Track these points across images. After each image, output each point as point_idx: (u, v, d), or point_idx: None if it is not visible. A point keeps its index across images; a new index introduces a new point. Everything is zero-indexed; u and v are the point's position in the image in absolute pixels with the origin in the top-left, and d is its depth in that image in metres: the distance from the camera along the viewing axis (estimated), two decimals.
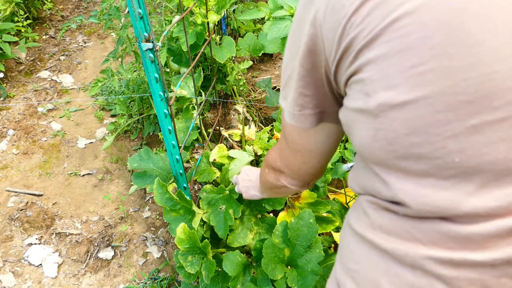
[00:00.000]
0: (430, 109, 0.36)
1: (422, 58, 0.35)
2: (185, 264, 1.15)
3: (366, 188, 0.50)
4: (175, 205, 1.24)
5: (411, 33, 0.35)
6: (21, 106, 2.45)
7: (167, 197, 1.23)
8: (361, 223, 0.50)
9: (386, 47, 0.36)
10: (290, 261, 1.14)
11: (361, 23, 0.38)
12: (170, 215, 1.25)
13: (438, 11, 0.34)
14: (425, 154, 0.38)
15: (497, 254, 0.38)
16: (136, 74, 1.94)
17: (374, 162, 0.45)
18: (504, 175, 0.37)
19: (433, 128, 0.37)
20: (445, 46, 0.34)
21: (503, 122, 0.35)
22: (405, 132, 0.38)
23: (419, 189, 0.40)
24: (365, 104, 0.40)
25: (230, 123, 2.03)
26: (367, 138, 0.42)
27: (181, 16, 1.10)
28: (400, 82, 0.37)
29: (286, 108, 0.56)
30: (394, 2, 0.35)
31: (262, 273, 1.17)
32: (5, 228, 1.79)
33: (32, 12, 3.11)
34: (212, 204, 1.27)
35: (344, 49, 0.40)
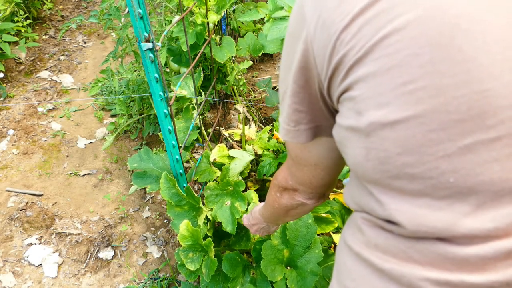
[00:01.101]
0: (421, 128, 0.35)
1: (412, 76, 0.34)
2: (186, 260, 1.15)
3: (361, 205, 0.49)
4: (181, 201, 1.24)
5: (400, 50, 0.34)
6: (21, 106, 2.45)
7: (174, 192, 1.23)
8: (356, 241, 0.50)
9: (376, 65, 0.36)
10: (289, 262, 1.14)
11: (351, 40, 0.37)
12: (174, 210, 1.24)
13: (428, 27, 0.33)
14: (418, 174, 0.38)
15: (495, 277, 0.37)
16: (136, 74, 1.94)
17: (368, 181, 0.44)
18: (500, 195, 0.36)
19: (425, 148, 0.36)
20: (436, 63, 0.33)
21: (496, 141, 0.34)
22: (397, 152, 0.38)
23: (414, 209, 0.40)
24: (357, 123, 0.40)
25: (230, 123, 2.03)
26: (360, 157, 0.42)
27: (181, 16, 1.10)
28: (391, 101, 0.36)
29: (281, 124, 0.55)
30: (384, 19, 0.35)
31: (261, 274, 1.17)
32: (5, 228, 1.79)
33: (32, 12, 3.11)
34: (217, 201, 1.27)
35: (335, 66, 0.40)
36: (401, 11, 0.34)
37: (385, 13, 0.34)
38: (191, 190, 1.23)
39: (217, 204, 1.27)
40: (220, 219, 1.23)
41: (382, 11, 0.35)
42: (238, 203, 1.22)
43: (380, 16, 0.35)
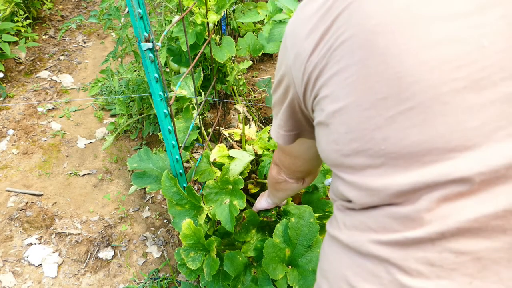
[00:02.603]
0: (358, 109, 0.45)
1: (350, 72, 0.45)
2: (187, 259, 1.14)
3: (335, 193, 0.56)
4: (182, 199, 1.23)
5: (343, 56, 0.45)
6: (21, 106, 2.45)
7: (175, 190, 1.22)
8: (332, 226, 0.57)
9: (330, 71, 0.47)
10: (291, 261, 1.14)
11: (315, 59, 0.49)
12: (175, 209, 1.24)
13: (357, 37, 0.44)
14: (360, 147, 0.46)
15: (432, 229, 0.42)
16: (136, 74, 1.94)
17: (331, 164, 0.53)
18: (421, 155, 0.42)
19: (362, 124, 0.45)
20: (363, 60, 0.44)
21: (412, 110, 0.42)
22: (344, 131, 0.47)
23: (363, 179, 0.47)
24: (321, 118, 0.51)
25: (230, 123, 2.03)
26: (323, 144, 0.53)
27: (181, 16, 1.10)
28: (339, 94, 0.47)
29: (273, 125, 0.70)
30: (333, 39, 0.46)
31: (263, 273, 1.17)
32: (5, 228, 1.79)
33: (32, 12, 3.11)
34: (216, 199, 1.27)
35: (306, 82, 0.52)
36: (341, 33, 0.46)
37: (333, 36, 0.47)
38: (192, 189, 1.23)
39: (216, 203, 1.27)
40: (219, 217, 1.22)
41: (331, 36, 0.47)
42: (237, 201, 1.22)
43: (330, 39, 0.47)
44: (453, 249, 0.41)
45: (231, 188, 1.27)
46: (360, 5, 0.45)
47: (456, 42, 0.40)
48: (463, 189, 0.40)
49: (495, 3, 0.39)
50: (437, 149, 0.41)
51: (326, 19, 0.48)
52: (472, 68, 0.39)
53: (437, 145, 0.41)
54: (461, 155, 0.40)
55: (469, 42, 0.39)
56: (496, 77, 0.39)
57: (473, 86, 0.39)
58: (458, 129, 0.40)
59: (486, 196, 0.40)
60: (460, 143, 0.40)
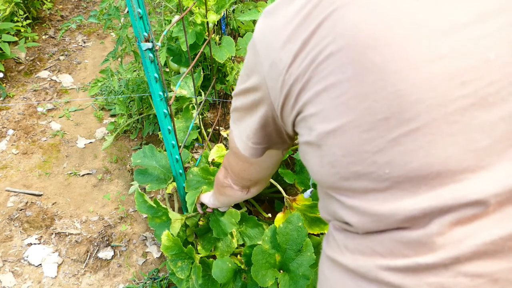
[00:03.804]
0: (356, 130, 0.42)
1: (342, 90, 0.41)
2: (175, 269, 1.15)
3: (330, 214, 0.54)
4: (157, 212, 1.25)
5: (331, 72, 0.42)
6: (20, 106, 2.45)
7: (148, 205, 1.24)
8: (331, 248, 0.54)
9: (316, 87, 0.43)
10: (281, 266, 1.12)
11: (295, 72, 0.45)
12: (155, 222, 1.26)
13: (346, 51, 0.41)
14: (361, 170, 0.43)
15: (445, 254, 0.40)
16: (135, 74, 1.94)
17: (326, 186, 0.50)
18: (430, 178, 0.40)
19: (362, 146, 0.42)
20: (357, 76, 0.40)
21: (417, 131, 0.39)
22: (342, 154, 0.44)
23: (366, 204, 0.44)
24: (309, 137, 0.47)
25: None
26: (316, 166, 0.49)
27: (181, 16, 1.10)
28: (330, 113, 0.43)
29: (237, 132, 0.64)
30: (315, 52, 0.43)
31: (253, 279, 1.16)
32: (5, 228, 1.79)
33: (31, 12, 3.11)
34: (196, 187, 1.26)
35: (285, 96, 0.48)
36: (326, 44, 0.42)
37: (316, 47, 0.43)
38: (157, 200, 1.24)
39: (194, 190, 1.26)
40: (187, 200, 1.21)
41: (314, 47, 0.43)
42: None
43: (313, 50, 0.43)
44: (468, 273, 0.39)
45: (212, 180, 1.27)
46: (345, 14, 0.41)
47: (460, 56, 0.37)
48: (478, 211, 0.38)
49: (495, 11, 0.37)
50: (447, 171, 0.39)
51: (305, 26, 0.44)
52: (479, 83, 0.37)
53: (447, 167, 0.39)
54: (473, 176, 0.38)
55: (474, 55, 0.37)
56: (504, 92, 0.37)
57: (481, 102, 0.37)
58: (470, 149, 0.38)
59: (503, 217, 0.38)
60: (472, 163, 0.38)
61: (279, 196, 1.68)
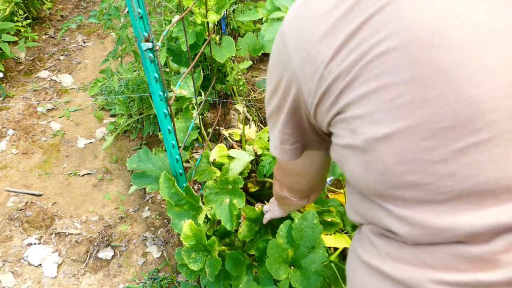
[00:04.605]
0: (414, 137, 0.38)
1: (398, 92, 0.38)
2: (188, 260, 1.14)
3: (367, 218, 0.51)
4: (180, 200, 1.24)
5: (384, 71, 0.38)
6: (20, 106, 2.45)
7: (173, 191, 1.22)
8: (367, 253, 0.51)
9: (364, 87, 0.40)
10: (293, 262, 1.14)
11: (338, 68, 0.41)
12: (174, 210, 1.24)
13: (405, 49, 0.37)
14: (418, 180, 0.40)
15: (510, 273, 0.38)
16: (135, 74, 1.94)
17: (370, 193, 0.47)
18: (499, 193, 0.37)
19: (420, 155, 0.39)
20: (418, 79, 0.37)
21: (487, 142, 0.36)
22: (394, 161, 0.40)
23: (420, 215, 0.41)
24: (352, 140, 0.43)
25: (230, 123, 2.02)
26: (359, 171, 0.45)
27: (181, 16, 1.10)
28: (382, 116, 0.39)
29: (271, 140, 0.61)
30: (365, 47, 0.39)
31: (264, 273, 1.17)
32: (5, 228, 1.79)
33: (31, 12, 3.11)
34: (216, 200, 1.27)
35: (323, 93, 0.44)
36: (377, 40, 0.38)
37: (364, 43, 0.39)
38: (190, 189, 1.23)
39: (216, 203, 1.27)
40: (219, 217, 1.23)
41: (361, 42, 0.39)
42: (236, 200, 1.22)
43: (361, 45, 0.39)
44: None
45: (231, 188, 1.28)
46: (402, 8, 0.37)
47: None
48: None
49: None
50: None
51: (349, 19, 0.40)
52: None
53: None
54: None
55: None
56: None
57: None
58: None
59: None
60: None
61: None
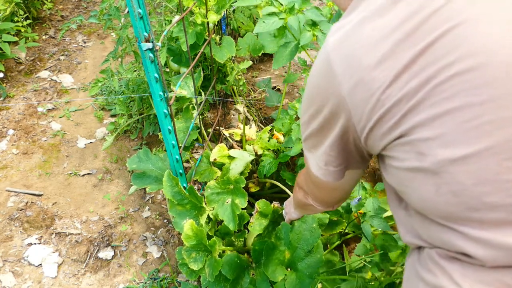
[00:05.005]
0: (495, 158, 0.38)
1: (474, 113, 0.38)
2: (189, 260, 1.14)
3: (433, 242, 0.50)
4: (183, 199, 1.24)
5: (457, 93, 0.38)
6: (21, 106, 2.45)
7: (176, 190, 1.22)
8: (438, 277, 0.49)
9: (434, 110, 0.40)
10: (290, 264, 1.13)
11: (398, 93, 0.41)
12: (176, 209, 1.24)
13: (482, 71, 0.37)
14: (499, 201, 0.39)
15: None
16: (136, 74, 1.94)
17: (440, 216, 0.46)
18: None
19: (502, 175, 0.39)
20: (496, 100, 0.37)
21: None
22: (472, 183, 0.40)
23: (501, 237, 0.41)
24: (421, 163, 0.43)
25: (230, 123, 2.02)
26: (429, 194, 0.44)
27: (181, 16, 1.10)
28: (457, 138, 0.39)
29: (313, 161, 0.62)
30: (432, 70, 0.39)
31: (261, 275, 1.17)
32: (5, 228, 1.79)
33: (32, 12, 3.11)
34: (217, 200, 1.27)
35: (379, 117, 0.44)
36: (446, 63, 0.38)
37: (432, 65, 0.39)
38: (193, 189, 1.23)
39: (218, 203, 1.27)
40: (222, 217, 1.23)
41: (428, 64, 0.39)
42: (239, 199, 1.22)
43: (427, 69, 0.39)
44: None
45: (232, 188, 1.28)
46: (473, 30, 0.37)
47: None
48: None
49: None
50: None
51: (410, 44, 0.40)
52: None
53: None
54: None
55: None
56: None
57: None
58: None
59: None
60: None
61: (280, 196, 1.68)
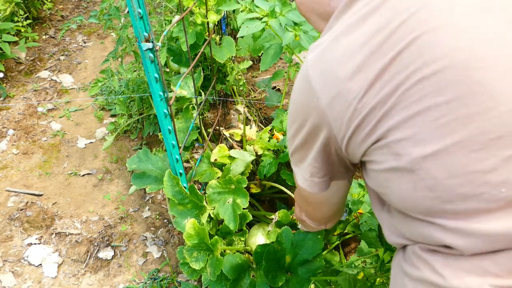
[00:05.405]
0: (463, 151, 0.41)
1: (441, 112, 0.41)
2: (190, 259, 1.14)
3: (415, 238, 0.52)
4: (184, 199, 1.23)
5: (425, 95, 0.42)
6: (21, 106, 2.45)
7: (177, 189, 1.22)
8: (421, 270, 0.50)
9: (405, 113, 0.43)
10: (290, 268, 1.12)
11: (372, 101, 0.45)
12: (177, 208, 1.24)
13: (445, 73, 0.41)
14: (470, 192, 0.42)
15: None
16: (136, 74, 1.94)
17: (419, 212, 0.48)
18: None
19: (471, 166, 0.41)
20: (460, 98, 0.41)
21: None
22: (445, 177, 0.43)
23: (475, 225, 0.43)
24: (398, 163, 0.46)
25: (230, 123, 2.02)
26: (407, 192, 0.47)
27: (181, 16, 1.10)
28: (428, 136, 0.42)
29: (300, 174, 0.64)
30: (401, 76, 0.43)
31: (261, 277, 1.16)
32: (5, 228, 1.79)
33: (32, 12, 3.11)
34: (219, 199, 1.27)
35: (357, 125, 0.47)
36: (413, 70, 0.42)
37: (400, 74, 0.43)
38: (195, 188, 1.22)
39: (219, 202, 1.26)
40: (222, 216, 1.22)
41: (396, 74, 0.43)
42: (240, 199, 1.22)
43: (396, 77, 0.43)
44: None
45: (234, 188, 1.28)
46: (435, 38, 0.42)
47: None
48: None
49: None
50: None
51: (380, 55, 0.44)
52: None
53: None
54: None
55: None
56: None
57: None
58: None
59: None
60: None
61: (280, 196, 1.68)
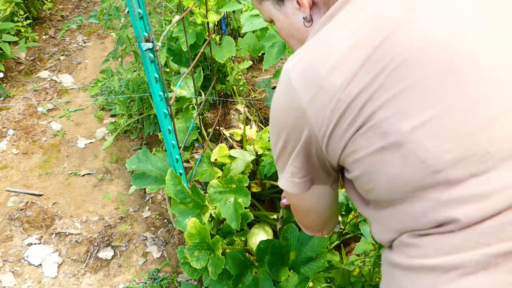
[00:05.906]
0: (450, 116, 0.43)
1: (423, 86, 0.44)
2: (191, 258, 1.14)
3: (406, 225, 0.51)
4: (186, 198, 1.23)
5: (404, 77, 0.45)
6: (21, 106, 2.45)
7: (179, 188, 1.22)
8: (415, 256, 0.50)
9: (388, 93, 0.46)
10: (293, 265, 1.13)
11: (356, 88, 0.47)
12: (179, 207, 1.24)
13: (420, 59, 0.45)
14: (460, 156, 0.43)
15: None
16: (136, 74, 1.94)
17: (411, 189, 0.47)
18: None
19: (459, 131, 0.43)
20: (442, 72, 0.44)
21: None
22: (433, 144, 0.44)
23: (466, 192, 0.43)
24: (386, 141, 0.47)
25: (230, 123, 2.02)
26: (397, 168, 0.47)
27: (181, 16, 1.10)
28: (413, 109, 0.45)
29: (282, 177, 0.65)
30: (384, 62, 0.46)
31: (264, 273, 1.17)
32: (5, 228, 1.79)
33: (32, 12, 3.11)
34: (220, 199, 1.27)
35: (340, 116, 0.49)
36: (391, 58, 0.46)
37: (381, 61, 0.46)
38: (196, 187, 1.22)
39: (220, 202, 1.26)
40: (224, 215, 1.22)
41: (378, 61, 0.46)
42: (242, 198, 1.22)
43: (379, 63, 0.46)
44: None
45: (235, 187, 1.27)
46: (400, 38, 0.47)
47: None
48: None
49: None
50: None
51: (362, 47, 0.48)
52: None
53: None
54: None
55: None
56: None
57: None
58: None
59: None
60: None
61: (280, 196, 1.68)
